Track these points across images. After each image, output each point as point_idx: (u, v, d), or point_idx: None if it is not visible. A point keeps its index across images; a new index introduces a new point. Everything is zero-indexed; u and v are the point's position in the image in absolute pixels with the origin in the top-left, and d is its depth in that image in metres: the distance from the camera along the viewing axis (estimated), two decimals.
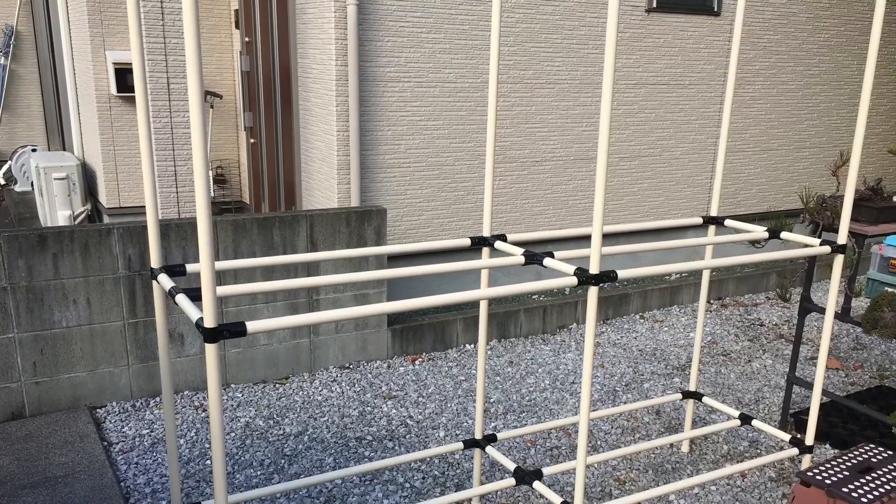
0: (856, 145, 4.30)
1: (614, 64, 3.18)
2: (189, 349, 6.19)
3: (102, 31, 9.09)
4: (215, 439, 2.87)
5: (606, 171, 3.33)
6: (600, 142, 3.27)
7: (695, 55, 8.98)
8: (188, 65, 2.49)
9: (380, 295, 6.86)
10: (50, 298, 5.61)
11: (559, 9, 7.95)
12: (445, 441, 5.64)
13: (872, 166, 10.93)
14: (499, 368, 6.90)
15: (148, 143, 3.34)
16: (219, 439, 2.86)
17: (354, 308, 3.06)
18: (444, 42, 7.44)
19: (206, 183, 2.58)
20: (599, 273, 3.46)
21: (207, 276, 2.65)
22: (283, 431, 5.69)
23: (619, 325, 8.03)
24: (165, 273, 3.42)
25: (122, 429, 5.66)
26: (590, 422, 4.77)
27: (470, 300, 3.39)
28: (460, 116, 7.69)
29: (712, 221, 5.09)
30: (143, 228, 5.78)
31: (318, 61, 7.39)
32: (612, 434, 5.83)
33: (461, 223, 7.96)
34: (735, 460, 5.51)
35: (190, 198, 9.44)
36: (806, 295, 5.65)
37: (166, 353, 3.61)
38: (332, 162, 7.31)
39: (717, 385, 6.69)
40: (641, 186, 9.07)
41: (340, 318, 3.04)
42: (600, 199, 3.34)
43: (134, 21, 3.22)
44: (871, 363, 7.23)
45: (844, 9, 10.00)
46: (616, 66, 7.10)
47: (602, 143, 3.26)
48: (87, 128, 10.17)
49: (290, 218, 6.32)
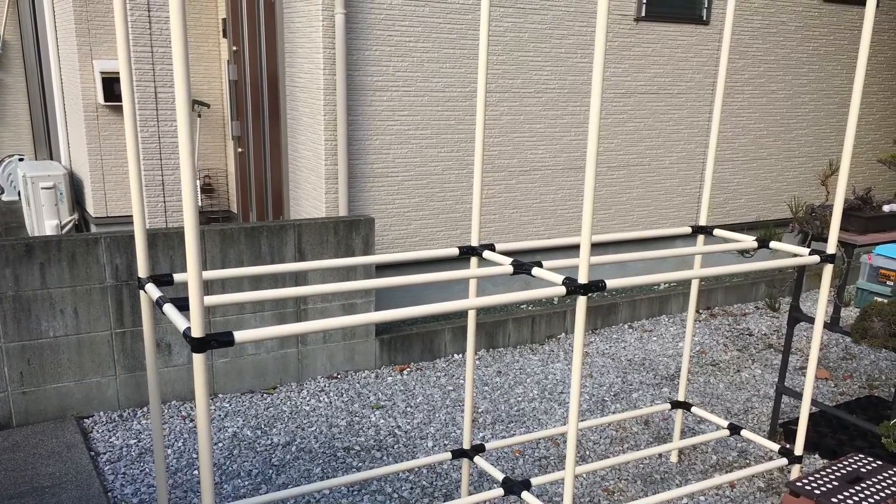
0: (845, 155, 4.30)
1: (603, 73, 3.18)
2: (176, 359, 6.16)
3: (90, 40, 9.06)
4: (203, 449, 2.85)
5: (595, 181, 3.32)
6: (589, 151, 3.26)
7: (684, 64, 9.00)
8: (176, 74, 2.48)
9: (368, 304, 6.84)
10: (37, 308, 5.58)
11: (548, 18, 7.96)
12: (433, 451, 5.62)
13: (862, 175, 10.95)
14: (487, 378, 6.88)
15: (135, 153, 3.33)
16: (206, 449, 2.84)
17: (342, 318, 3.05)
18: (432, 51, 7.44)
19: (193, 192, 2.56)
20: (588, 283, 3.45)
21: (195, 285, 2.64)
22: (271, 441, 5.67)
23: (607, 335, 8.02)
24: (153, 282, 3.40)
25: (110, 439, 5.64)
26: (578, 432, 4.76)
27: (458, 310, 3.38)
28: (448, 126, 7.68)
29: (701, 231, 5.09)
30: (130, 238, 5.76)
31: (305, 70, 7.38)
32: (601, 444, 5.82)
33: (449, 233, 7.95)
34: (724, 470, 5.51)
35: (177, 207, 9.41)
36: (795, 305, 5.65)
37: (153, 362, 3.59)
38: (319, 171, 7.29)
39: (706, 395, 6.68)
40: (630, 196, 9.08)
41: (328, 327, 3.02)
42: (589, 209, 3.33)
43: (121, 30, 3.21)
44: (860, 373, 7.24)
45: (834, 18, 10.03)
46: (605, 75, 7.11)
47: (590, 152, 3.26)
48: (74, 137, 10.14)
49: (277, 227, 6.31)
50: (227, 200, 10.28)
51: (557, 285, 3.50)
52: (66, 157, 10.75)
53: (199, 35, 9.67)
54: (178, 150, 8.36)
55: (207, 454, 2.85)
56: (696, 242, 5.17)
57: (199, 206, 2.75)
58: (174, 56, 2.46)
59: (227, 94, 9.76)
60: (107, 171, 9.37)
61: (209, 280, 4.50)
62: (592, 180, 3.30)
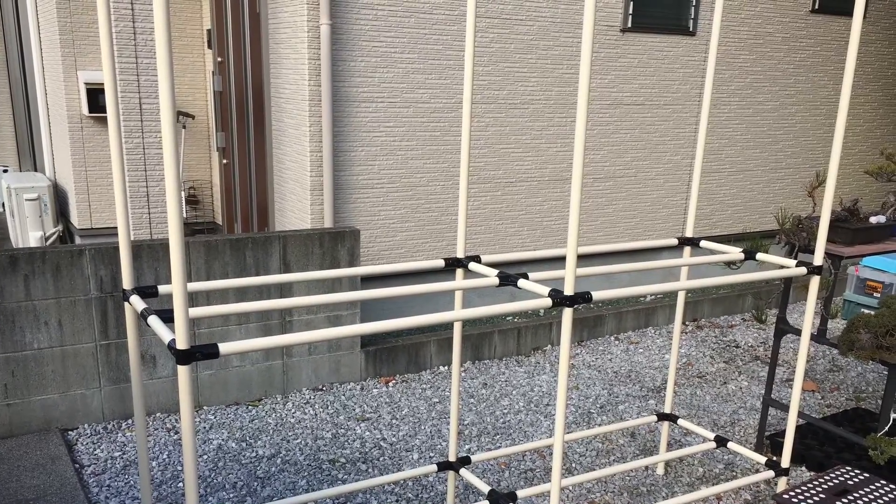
0: (832, 166, 4.31)
1: (589, 84, 3.17)
2: (161, 371, 6.13)
3: (74, 51, 9.03)
4: (188, 462, 2.83)
5: (581, 192, 3.31)
6: (575, 162, 3.26)
7: (670, 75, 9.01)
8: (160, 85, 2.46)
9: (353, 316, 6.82)
10: (21, 320, 5.55)
11: (534, 28, 7.96)
12: (419, 463, 5.60)
13: (849, 187, 10.98)
14: (473, 390, 6.87)
15: (120, 164, 3.31)
16: (191, 462, 2.82)
17: (328, 330, 3.03)
18: (417, 62, 7.44)
19: (178, 204, 2.55)
20: (574, 294, 3.44)
21: (180, 297, 2.62)
22: (256, 454, 5.64)
23: (593, 347, 8.01)
24: (137, 294, 3.37)
25: (94, 451, 5.60)
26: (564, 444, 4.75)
27: (444, 322, 3.37)
28: (434, 137, 7.68)
29: (687, 242, 5.09)
30: (114, 249, 5.73)
31: (291, 81, 7.37)
32: (587, 456, 5.80)
33: (435, 244, 7.94)
34: (710, 483, 5.50)
35: (162, 219, 9.38)
36: (782, 316, 5.65)
37: (138, 374, 3.57)
38: (305, 182, 7.28)
39: (693, 407, 6.68)
40: (616, 207, 9.08)
41: (314, 339, 3.01)
42: (575, 220, 3.32)
43: (106, 41, 3.19)
44: (847, 385, 7.24)
45: (821, 29, 10.06)
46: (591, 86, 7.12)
47: (576, 163, 3.25)
48: (58, 148, 10.10)
49: (262, 239, 6.29)
50: (212, 212, 10.25)
51: (543, 297, 3.49)
52: (50, 169, 10.70)
53: (183, 46, 9.65)
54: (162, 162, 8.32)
55: (192, 466, 2.83)
56: (683, 254, 5.17)
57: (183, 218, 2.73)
58: (159, 67, 2.45)
59: (211, 105, 9.74)
60: (91, 183, 9.34)
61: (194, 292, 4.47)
62: (578, 192, 3.29)
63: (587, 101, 3.19)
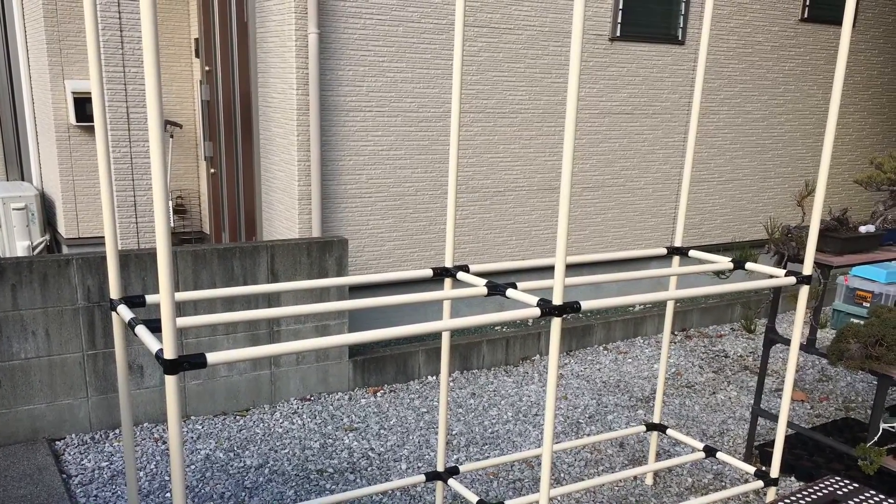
0: (821, 175, 4.31)
1: (578, 93, 3.16)
2: (149, 381, 6.10)
3: (61, 60, 9.02)
4: (175, 472, 2.81)
5: (570, 202, 3.30)
6: (563, 172, 3.25)
7: (659, 84, 9.02)
8: (148, 94, 2.45)
9: (341, 326, 6.80)
10: (8, 329, 5.52)
11: (522, 38, 7.97)
12: (407, 473, 5.58)
13: (838, 196, 11.01)
14: (461, 400, 6.85)
15: (107, 173, 3.29)
16: (179, 472, 2.81)
17: (316, 339, 3.02)
18: (405, 71, 7.43)
19: (165, 213, 2.54)
20: (563, 304, 3.43)
21: (167, 307, 2.61)
22: (244, 464, 5.62)
23: (582, 357, 8.00)
24: (125, 304, 3.36)
25: (82, 461, 5.57)
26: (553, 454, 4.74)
27: (432, 332, 3.36)
28: (422, 146, 7.67)
29: (676, 252, 5.09)
30: (102, 259, 5.71)
31: (278, 90, 7.36)
32: (576, 466, 5.79)
33: (423, 254, 7.93)
34: (699, 493, 5.49)
35: (150, 228, 9.36)
36: (771, 326, 5.65)
37: (126, 384, 3.54)
38: (293, 192, 7.26)
39: (682, 417, 6.67)
40: (605, 217, 9.08)
41: (302, 349, 3.00)
42: (563, 230, 3.31)
43: (93, 50, 3.17)
44: (836, 395, 7.25)
45: (809, 38, 10.09)
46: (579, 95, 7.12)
47: (565, 172, 3.24)
48: (45, 157, 10.07)
49: (250, 248, 6.27)
50: (200, 221, 10.23)
51: (532, 307, 3.48)
52: (37, 178, 10.68)
53: (171, 55, 9.64)
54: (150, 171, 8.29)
55: (180, 477, 2.81)
56: (672, 263, 5.17)
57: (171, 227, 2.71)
58: (146, 76, 2.43)
59: (199, 114, 9.72)
60: (78, 192, 9.31)
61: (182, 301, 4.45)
62: (567, 201, 3.28)
63: (576, 110, 3.18)
